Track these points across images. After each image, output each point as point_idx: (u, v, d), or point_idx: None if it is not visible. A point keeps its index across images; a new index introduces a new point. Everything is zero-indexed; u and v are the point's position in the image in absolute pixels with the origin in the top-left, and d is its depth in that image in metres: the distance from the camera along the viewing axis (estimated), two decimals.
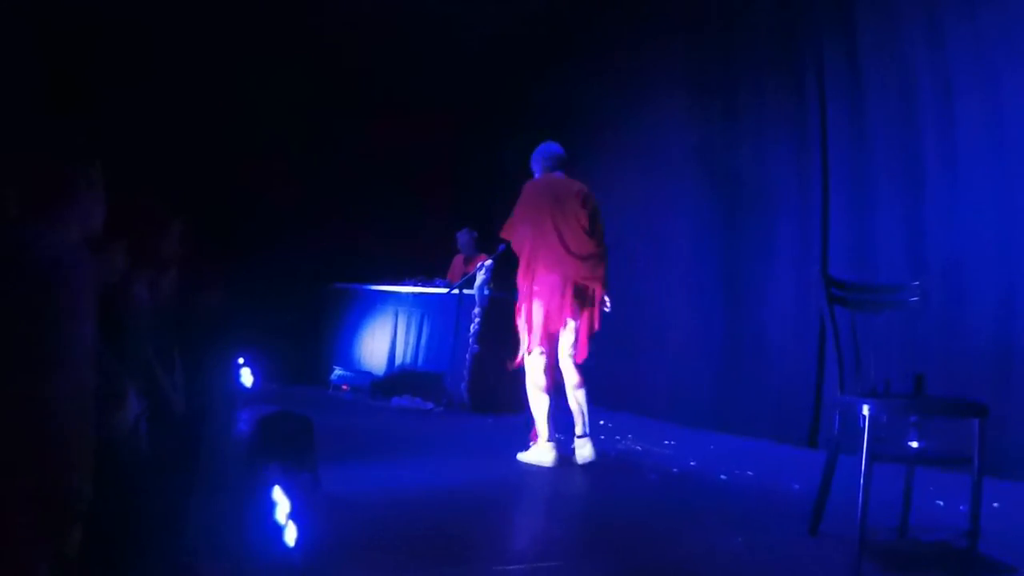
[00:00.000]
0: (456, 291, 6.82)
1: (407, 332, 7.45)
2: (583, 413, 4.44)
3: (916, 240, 5.17)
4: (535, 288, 4.47)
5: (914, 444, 2.81)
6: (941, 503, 3.57)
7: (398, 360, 7.41)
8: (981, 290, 4.74)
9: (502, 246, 6.78)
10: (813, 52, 6.03)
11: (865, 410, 2.49)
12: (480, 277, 6.70)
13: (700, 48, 7.15)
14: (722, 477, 4.26)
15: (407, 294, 7.55)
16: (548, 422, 4.39)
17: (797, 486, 3.98)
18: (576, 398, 4.48)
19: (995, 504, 3.48)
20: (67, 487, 1.35)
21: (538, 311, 4.44)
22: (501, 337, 6.72)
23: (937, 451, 2.88)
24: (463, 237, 8.01)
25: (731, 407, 6.25)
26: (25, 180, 1.62)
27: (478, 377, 6.54)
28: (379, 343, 7.67)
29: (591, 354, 4.57)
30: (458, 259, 8.06)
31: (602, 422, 5.56)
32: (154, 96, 7.10)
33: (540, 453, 4.34)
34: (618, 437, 5.41)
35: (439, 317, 7.14)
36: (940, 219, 5.05)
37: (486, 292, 6.67)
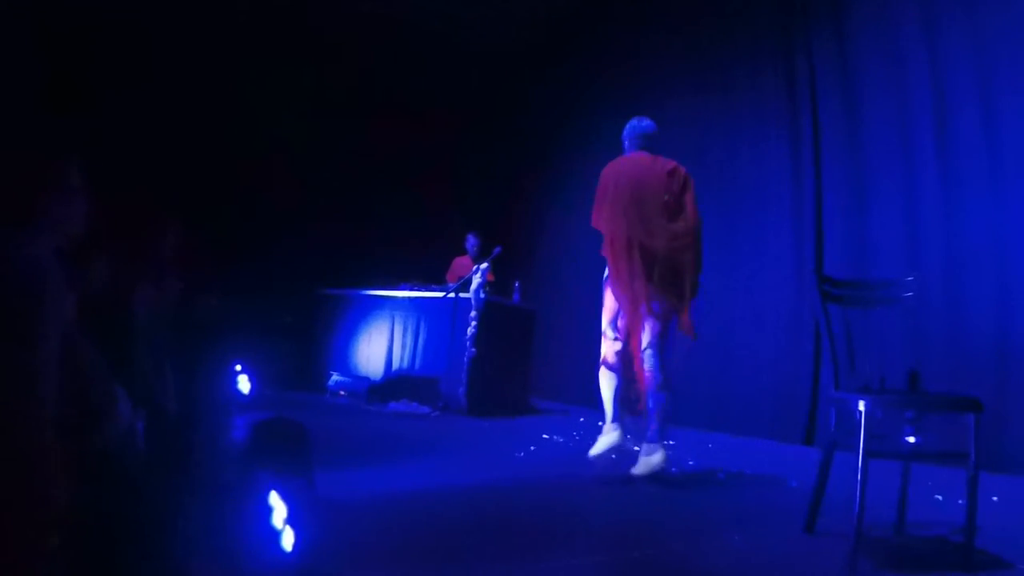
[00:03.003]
0: (452, 295, 6.82)
1: (404, 337, 7.45)
2: (654, 418, 4.02)
3: (912, 236, 5.17)
4: (610, 274, 4.14)
5: (910, 440, 2.82)
6: (940, 498, 3.57)
7: (395, 365, 7.41)
8: (978, 285, 4.75)
9: (498, 249, 6.80)
10: (804, 48, 6.06)
11: (861, 406, 2.48)
12: (476, 280, 6.70)
13: (700, 48, 7.19)
14: (720, 476, 4.25)
15: (403, 298, 7.54)
16: (614, 403, 4.08)
17: (794, 483, 3.98)
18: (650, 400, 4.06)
19: (994, 498, 3.48)
20: (37, 500, 1.33)
21: (610, 296, 4.13)
22: (497, 340, 6.74)
23: (933, 447, 2.88)
24: (476, 241, 7.99)
25: (728, 406, 6.25)
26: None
27: (475, 381, 6.53)
28: (376, 348, 7.66)
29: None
30: (464, 261, 8.03)
31: (601, 423, 5.54)
32: (153, 97, 7.10)
33: (603, 438, 4.05)
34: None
35: (435, 321, 7.14)
36: (936, 215, 5.05)
37: (482, 296, 6.67)
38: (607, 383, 4.12)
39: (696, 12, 7.21)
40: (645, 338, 4.05)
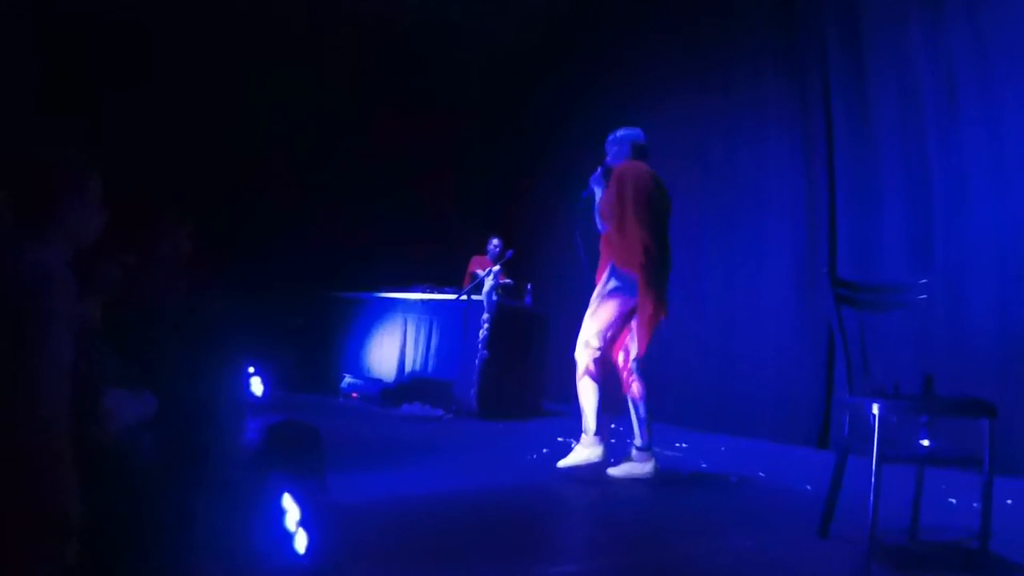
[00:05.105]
0: (464, 297, 6.83)
1: (416, 339, 7.46)
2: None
3: (922, 239, 5.15)
4: (650, 285, 4.06)
5: (925, 444, 2.80)
6: (953, 501, 3.55)
7: (407, 367, 7.42)
8: (988, 288, 4.73)
9: (510, 252, 6.80)
10: (816, 50, 6.04)
11: (875, 410, 2.47)
12: (488, 283, 6.70)
13: (701, 47, 7.18)
14: (733, 479, 4.24)
15: (416, 301, 7.55)
16: (596, 416, 4.11)
17: (808, 487, 3.96)
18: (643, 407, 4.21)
19: (1008, 501, 3.45)
20: (50, 504, 1.34)
21: (611, 307, 4.18)
22: (510, 343, 6.74)
23: (947, 451, 2.86)
24: (500, 243, 7.79)
25: (742, 409, 6.23)
26: (15, 187, 1.59)
27: (487, 384, 6.54)
28: (388, 351, 7.67)
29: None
30: (483, 260, 7.78)
31: (613, 426, 5.55)
32: (153, 97, 7.14)
33: (586, 451, 4.05)
34: (629, 441, 5.39)
35: (448, 324, 7.15)
36: (946, 218, 5.03)
37: (494, 298, 6.67)
38: (594, 393, 4.18)
39: (696, 12, 7.20)
40: (635, 349, 4.18)
